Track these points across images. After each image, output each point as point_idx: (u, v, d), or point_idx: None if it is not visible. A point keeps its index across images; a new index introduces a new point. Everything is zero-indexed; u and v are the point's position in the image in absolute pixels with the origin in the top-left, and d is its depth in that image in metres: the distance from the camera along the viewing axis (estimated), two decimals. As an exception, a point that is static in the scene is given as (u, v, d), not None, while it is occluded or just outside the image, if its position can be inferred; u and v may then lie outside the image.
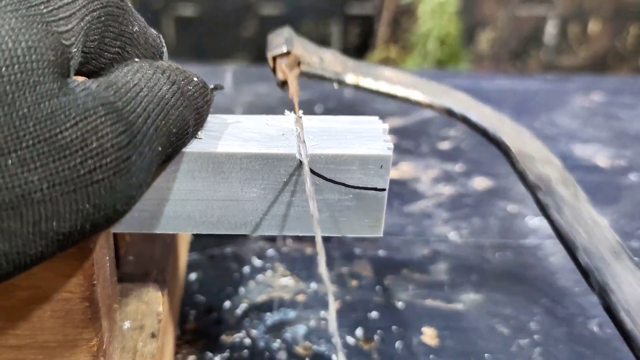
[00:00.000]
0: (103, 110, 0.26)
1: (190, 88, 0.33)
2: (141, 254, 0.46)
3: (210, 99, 0.35)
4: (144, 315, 0.41)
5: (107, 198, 0.26)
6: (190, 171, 0.35)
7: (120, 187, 0.27)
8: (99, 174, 0.26)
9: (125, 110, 0.27)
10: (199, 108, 0.34)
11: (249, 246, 0.61)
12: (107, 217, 0.27)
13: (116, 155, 0.26)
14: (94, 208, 0.26)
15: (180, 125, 0.31)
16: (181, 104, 0.31)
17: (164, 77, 0.31)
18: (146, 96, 0.29)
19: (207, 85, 0.35)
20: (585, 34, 2.24)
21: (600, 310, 0.53)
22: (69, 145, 0.25)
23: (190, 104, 0.32)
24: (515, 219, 0.68)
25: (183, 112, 0.31)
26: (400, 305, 0.54)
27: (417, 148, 0.84)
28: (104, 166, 0.26)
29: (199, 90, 0.33)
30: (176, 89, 0.31)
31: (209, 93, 0.35)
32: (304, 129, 0.37)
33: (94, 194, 0.26)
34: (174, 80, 0.31)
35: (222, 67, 1.18)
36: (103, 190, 0.26)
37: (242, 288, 0.55)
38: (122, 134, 0.26)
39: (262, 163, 0.34)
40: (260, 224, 0.36)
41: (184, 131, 0.32)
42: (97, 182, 0.26)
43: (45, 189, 0.24)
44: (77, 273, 0.32)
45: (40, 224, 0.25)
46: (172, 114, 0.30)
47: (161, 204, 0.36)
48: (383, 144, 0.36)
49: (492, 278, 0.58)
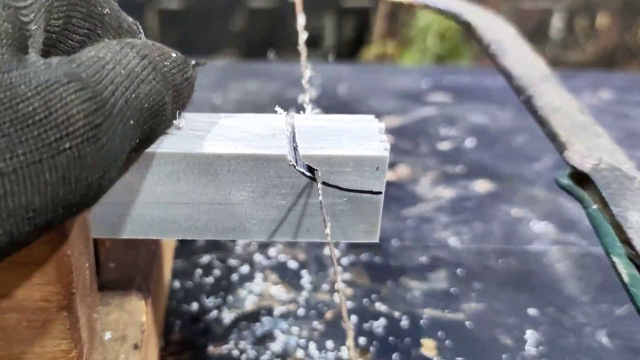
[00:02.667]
0: (66, 78, 0.26)
1: (166, 64, 0.33)
2: (123, 261, 0.46)
3: (191, 75, 0.35)
4: (126, 326, 0.41)
5: (77, 169, 0.26)
6: (174, 173, 0.35)
7: (91, 157, 0.26)
8: (65, 142, 0.25)
9: (90, 80, 0.27)
10: (177, 85, 0.33)
11: (238, 253, 0.61)
12: (80, 193, 0.27)
13: (84, 122, 0.26)
14: (63, 180, 0.26)
15: (153, 101, 0.31)
16: (153, 79, 0.31)
17: (133, 52, 0.31)
18: (113, 69, 0.29)
19: (187, 62, 0.35)
20: (593, 28, 2.24)
21: (610, 320, 0.53)
22: (32, 113, 0.25)
23: (165, 79, 0.32)
24: (519, 224, 0.68)
25: (156, 86, 0.31)
26: (398, 315, 0.54)
27: (416, 148, 0.84)
28: (72, 134, 0.25)
29: (177, 67, 0.33)
30: (147, 63, 0.31)
31: (190, 69, 0.35)
32: (295, 128, 0.37)
33: (62, 165, 0.25)
34: (144, 54, 0.31)
35: (210, 62, 1.19)
36: (72, 159, 0.26)
37: (230, 297, 0.55)
38: (88, 100, 0.26)
39: (252, 164, 0.34)
40: (249, 229, 0.36)
41: (159, 107, 0.32)
42: (64, 151, 0.25)
43: (9, 159, 0.24)
44: (54, 281, 0.32)
45: (7, 199, 0.24)
46: (142, 87, 0.30)
47: (144, 207, 0.36)
48: (379, 144, 0.36)
49: (494, 286, 0.58)
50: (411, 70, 1.24)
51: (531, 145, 0.86)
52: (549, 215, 0.69)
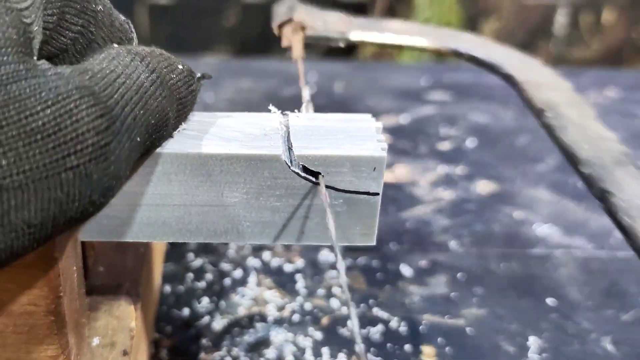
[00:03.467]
0: (78, 93, 0.26)
1: (173, 77, 0.33)
2: (112, 265, 0.46)
3: (195, 89, 0.35)
4: (115, 331, 0.41)
5: (82, 187, 0.26)
6: (165, 174, 0.35)
7: (97, 175, 0.27)
8: (73, 160, 0.26)
9: (102, 94, 0.27)
10: (182, 98, 0.34)
11: (231, 256, 0.61)
12: (82, 208, 0.27)
13: (93, 140, 0.26)
14: (67, 197, 0.26)
15: (159, 117, 0.31)
16: (160, 94, 0.31)
17: (143, 64, 0.31)
18: (124, 83, 0.29)
19: (193, 74, 0.35)
20: (599, 24, 2.25)
21: (616, 326, 0.53)
22: (41, 128, 0.25)
23: (171, 94, 0.32)
24: (522, 227, 0.68)
25: (162, 102, 0.31)
26: (396, 321, 0.54)
27: (414, 149, 0.84)
28: (80, 152, 0.26)
29: (183, 79, 0.34)
30: (155, 78, 0.31)
31: (195, 82, 0.35)
32: (290, 127, 0.37)
33: (68, 182, 0.26)
34: (153, 68, 0.31)
35: (201, 60, 1.19)
36: (78, 178, 0.26)
37: (222, 302, 0.55)
38: (99, 117, 0.26)
39: (245, 165, 0.35)
40: (242, 232, 0.37)
41: (162, 123, 0.32)
42: (72, 169, 0.26)
43: (15, 174, 0.24)
44: (41, 284, 0.32)
45: (10, 214, 0.25)
46: (150, 104, 0.30)
47: (134, 209, 0.36)
48: (376, 144, 0.36)
49: (496, 291, 0.58)
50: (410, 68, 1.25)
51: (534, 145, 0.86)
52: (552, 218, 0.69)
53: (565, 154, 0.44)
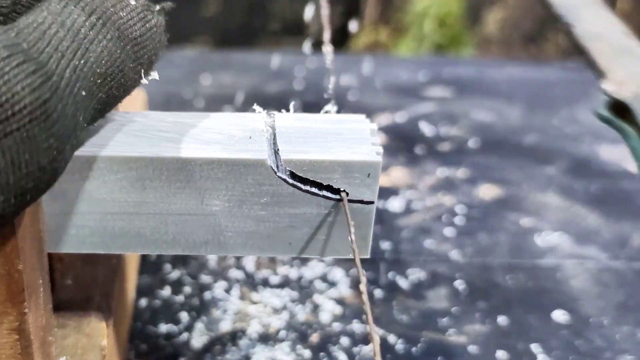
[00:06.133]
0: (5, 51, 0.26)
1: (122, 15, 0.32)
2: (81, 278, 0.46)
3: (155, 24, 0.35)
4: (85, 350, 0.41)
5: (27, 152, 0.26)
6: (139, 180, 0.35)
7: (42, 137, 0.26)
8: (12, 124, 0.25)
9: (32, 50, 0.27)
10: (137, 38, 0.33)
11: (211, 268, 0.61)
12: (33, 177, 0.27)
13: (30, 99, 0.26)
14: (12, 165, 0.26)
15: (107, 63, 0.31)
16: (104, 37, 0.31)
17: (78, 8, 0.31)
18: (56, 33, 0.29)
19: (149, 8, 0.34)
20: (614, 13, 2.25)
21: (633, 344, 0.53)
22: None
23: (121, 34, 0.32)
24: (529, 235, 0.68)
25: (108, 46, 0.31)
26: (393, 338, 0.54)
27: (412, 150, 0.84)
28: (18, 113, 0.26)
29: (137, 16, 0.33)
30: (95, 20, 0.31)
31: (154, 17, 0.35)
32: (276, 129, 0.37)
33: (9, 148, 0.25)
34: (92, 9, 0.31)
35: (178, 52, 1.19)
36: (20, 141, 0.26)
37: (202, 317, 0.55)
38: (31, 74, 0.26)
39: (227, 170, 0.35)
40: (224, 243, 0.37)
41: (115, 69, 0.32)
42: (11, 133, 0.25)
43: None
44: (3, 299, 0.32)
45: None
46: (92, 50, 0.30)
47: (104, 218, 0.36)
48: (371, 147, 0.36)
49: (501, 305, 0.58)
50: (407, 61, 1.25)
51: (543, 145, 0.86)
52: (563, 226, 0.70)
53: (542, 3, 0.53)
